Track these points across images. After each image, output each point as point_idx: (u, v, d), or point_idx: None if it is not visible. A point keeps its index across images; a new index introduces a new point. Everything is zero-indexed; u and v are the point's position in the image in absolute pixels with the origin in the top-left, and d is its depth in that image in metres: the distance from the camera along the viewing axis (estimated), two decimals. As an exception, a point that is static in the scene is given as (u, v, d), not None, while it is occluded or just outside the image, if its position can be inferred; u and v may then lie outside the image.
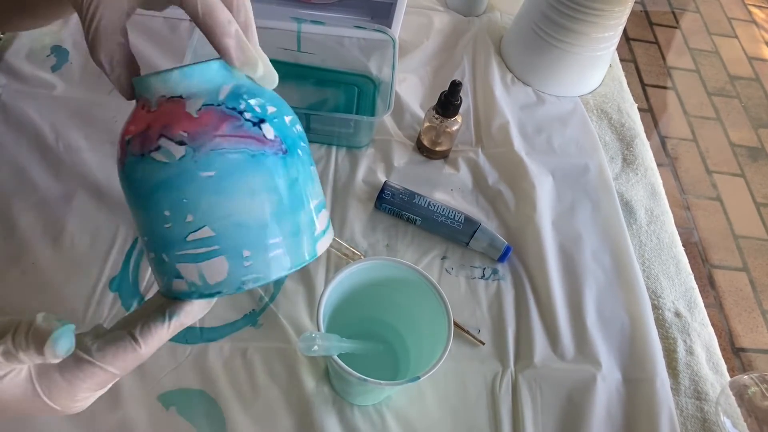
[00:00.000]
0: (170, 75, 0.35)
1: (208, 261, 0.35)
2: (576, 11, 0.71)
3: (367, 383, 0.42)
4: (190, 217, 0.34)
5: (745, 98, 2.12)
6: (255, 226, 0.36)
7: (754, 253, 1.69)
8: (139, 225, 0.36)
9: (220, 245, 0.35)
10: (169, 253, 0.35)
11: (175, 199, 0.34)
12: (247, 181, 0.35)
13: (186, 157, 0.34)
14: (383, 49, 0.71)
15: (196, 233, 0.34)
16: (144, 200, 0.35)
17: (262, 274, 0.36)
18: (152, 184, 0.34)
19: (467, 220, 0.61)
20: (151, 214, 0.35)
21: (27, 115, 0.63)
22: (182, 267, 0.35)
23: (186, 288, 0.35)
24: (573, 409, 0.53)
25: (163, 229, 0.35)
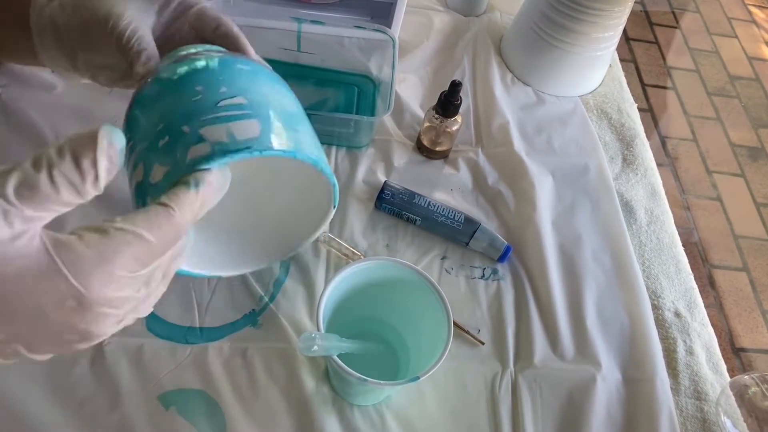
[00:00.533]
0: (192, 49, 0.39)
1: (240, 121, 0.34)
2: (576, 11, 0.71)
3: (367, 383, 0.42)
4: (224, 88, 0.35)
5: (745, 98, 2.12)
6: (282, 108, 0.37)
7: (754, 253, 1.69)
8: (151, 123, 0.35)
9: (252, 110, 0.35)
10: (192, 123, 0.34)
11: (210, 79, 0.36)
12: (273, 83, 0.39)
13: (225, 54, 0.38)
14: (383, 49, 0.71)
15: (229, 100, 0.35)
16: (175, 84, 0.36)
17: (292, 146, 0.35)
18: (187, 70, 0.36)
19: (467, 220, 0.61)
20: (178, 95, 0.35)
21: (27, 115, 0.63)
22: (207, 130, 0.34)
23: (208, 150, 0.33)
24: (573, 409, 0.53)
25: (189, 104, 0.35)
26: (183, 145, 0.33)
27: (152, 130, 0.35)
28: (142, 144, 0.36)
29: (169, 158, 0.33)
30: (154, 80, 0.37)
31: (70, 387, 0.48)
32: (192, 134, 0.33)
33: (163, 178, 0.33)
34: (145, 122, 0.36)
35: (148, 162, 0.35)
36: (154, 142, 0.35)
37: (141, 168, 0.35)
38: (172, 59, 0.40)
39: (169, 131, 0.34)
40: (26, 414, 0.47)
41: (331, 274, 0.58)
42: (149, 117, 0.36)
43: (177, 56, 0.39)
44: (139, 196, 0.35)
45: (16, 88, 0.65)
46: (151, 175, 0.34)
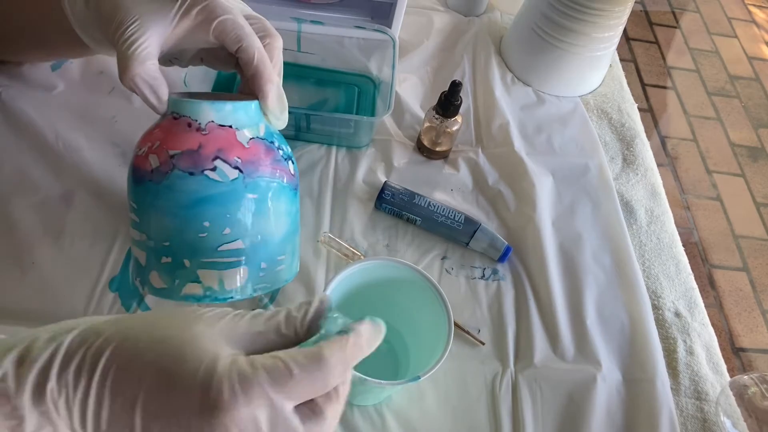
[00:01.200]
0: (224, 106, 0.40)
1: (231, 270, 0.40)
2: (576, 11, 0.71)
3: (367, 383, 0.42)
4: (228, 230, 0.39)
5: (745, 98, 2.12)
6: (274, 243, 0.42)
7: (754, 253, 1.69)
8: (161, 231, 0.39)
9: (246, 257, 0.41)
10: (194, 260, 0.39)
11: (219, 214, 0.39)
12: (277, 206, 0.42)
13: (237, 180, 0.39)
14: (383, 49, 0.71)
15: (230, 245, 0.40)
16: (184, 210, 0.39)
17: (270, 284, 0.42)
18: (199, 197, 0.39)
19: (467, 220, 0.61)
20: (187, 223, 0.39)
21: (27, 115, 0.63)
22: (204, 273, 0.40)
23: (200, 292, 0.40)
24: (573, 409, 0.53)
25: (196, 238, 0.39)
26: (181, 277, 0.40)
27: (158, 238, 0.40)
28: (148, 239, 0.40)
29: (167, 278, 0.40)
30: (169, 178, 0.39)
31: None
32: (191, 271, 0.40)
33: (160, 290, 0.41)
34: (151, 218, 0.40)
35: (149, 262, 0.41)
36: (158, 250, 0.40)
37: (143, 256, 0.41)
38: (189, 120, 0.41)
39: (172, 254, 0.40)
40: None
41: (331, 274, 0.58)
42: (156, 218, 0.40)
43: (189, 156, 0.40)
44: (139, 273, 0.42)
45: (16, 88, 0.65)
46: (150, 277, 0.41)
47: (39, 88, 0.66)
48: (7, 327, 0.49)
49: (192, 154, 0.39)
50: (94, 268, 0.54)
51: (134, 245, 0.42)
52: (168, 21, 0.41)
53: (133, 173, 0.41)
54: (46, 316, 0.51)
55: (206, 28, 0.41)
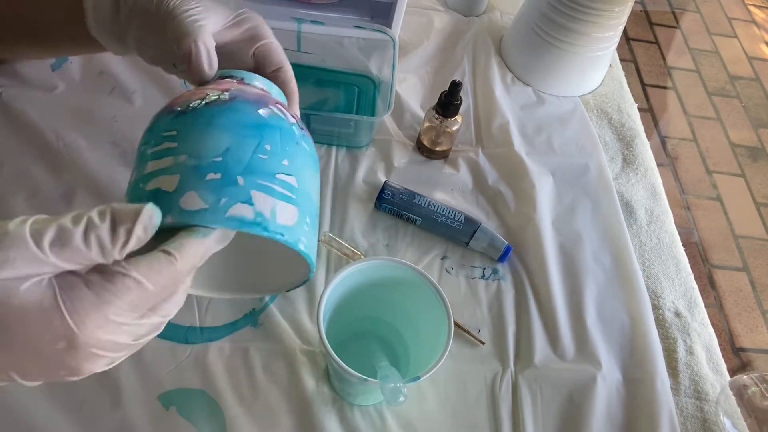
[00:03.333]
0: (273, 85, 0.43)
1: (285, 203, 0.36)
2: (576, 11, 0.71)
3: (368, 383, 0.42)
4: (286, 161, 0.37)
5: (745, 98, 2.12)
6: (315, 204, 0.40)
7: (754, 253, 1.69)
8: (213, 146, 0.35)
9: (297, 197, 0.37)
10: (250, 178, 0.35)
11: (280, 143, 0.37)
12: (316, 171, 0.41)
13: (295, 125, 0.39)
14: (383, 49, 0.71)
15: (286, 177, 0.37)
16: (248, 129, 0.36)
17: (308, 246, 0.38)
18: (264, 122, 0.37)
19: (467, 220, 0.61)
20: (248, 140, 0.36)
21: (27, 115, 0.63)
22: (258, 195, 0.35)
23: (251, 216, 0.34)
24: (573, 409, 0.53)
25: (255, 158, 0.36)
26: (230, 195, 0.34)
27: (207, 154, 0.35)
28: (189, 157, 0.35)
29: (211, 197, 0.34)
30: (232, 102, 0.37)
31: (70, 387, 0.48)
32: (244, 190, 0.34)
33: (196, 213, 0.33)
34: (202, 136, 0.36)
35: (185, 182, 0.34)
36: (203, 167, 0.35)
37: (174, 180, 0.35)
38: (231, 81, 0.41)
39: (223, 170, 0.35)
40: (26, 414, 0.47)
41: (331, 274, 0.58)
42: (210, 135, 0.36)
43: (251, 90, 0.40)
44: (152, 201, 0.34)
45: (16, 88, 0.65)
46: (182, 199, 0.34)
47: (39, 88, 0.66)
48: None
49: (254, 94, 0.39)
50: (94, 268, 0.54)
51: (155, 176, 0.36)
52: (222, 22, 0.43)
53: (175, 104, 0.39)
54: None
55: (249, 45, 0.44)
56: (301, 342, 0.53)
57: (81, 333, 0.26)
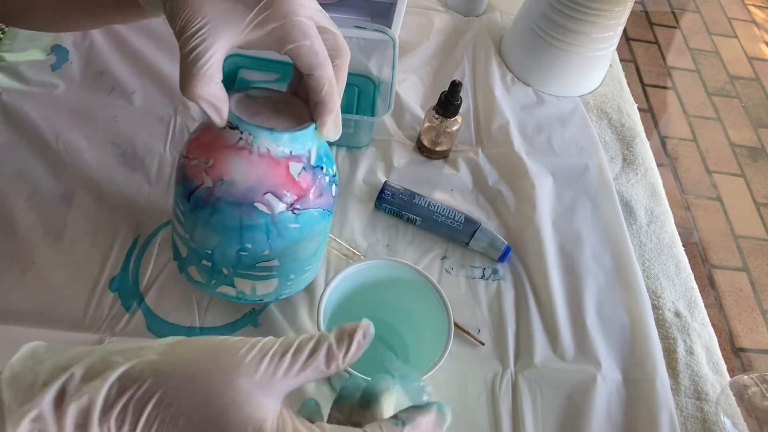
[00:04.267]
0: (282, 136, 0.41)
1: (264, 281, 0.45)
2: (576, 11, 0.71)
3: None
4: (267, 251, 0.43)
5: (745, 98, 2.12)
6: (305, 258, 0.46)
7: (754, 253, 1.69)
8: (205, 241, 0.43)
9: (279, 272, 0.45)
10: (233, 270, 0.44)
11: (261, 239, 0.42)
12: (314, 230, 0.45)
13: (284, 213, 0.42)
14: (383, 49, 0.71)
15: (266, 263, 0.44)
16: (230, 231, 0.42)
17: (294, 289, 0.49)
18: (246, 225, 0.42)
19: (467, 220, 0.61)
20: (232, 241, 0.42)
21: (27, 115, 0.63)
22: (239, 281, 0.45)
23: (233, 294, 0.46)
24: (573, 409, 0.53)
25: (237, 254, 0.43)
26: (218, 279, 0.45)
27: (202, 245, 0.44)
28: (191, 239, 0.44)
29: (205, 276, 0.46)
30: (220, 201, 0.41)
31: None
32: (228, 278, 0.45)
33: (195, 282, 0.47)
34: (198, 228, 0.43)
35: (190, 258, 0.46)
36: (199, 254, 0.45)
37: (185, 250, 0.46)
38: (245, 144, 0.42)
39: (212, 261, 0.44)
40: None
41: (331, 274, 0.58)
42: (203, 229, 0.43)
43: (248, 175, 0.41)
44: (177, 257, 0.48)
45: (16, 87, 0.65)
46: (189, 269, 0.47)
47: (39, 88, 0.66)
48: (13, 327, 0.49)
49: (244, 186, 0.41)
50: (94, 268, 0.54)
51: (177, 236, 0.46)
52: (239, 29, 0.37)
53: (183, 180, 0.43)
54: (46, 316, 0.51)
55: (278, 46, 0.39)
56: (301, 342, 0.53)
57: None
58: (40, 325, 0.50)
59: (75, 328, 0.50)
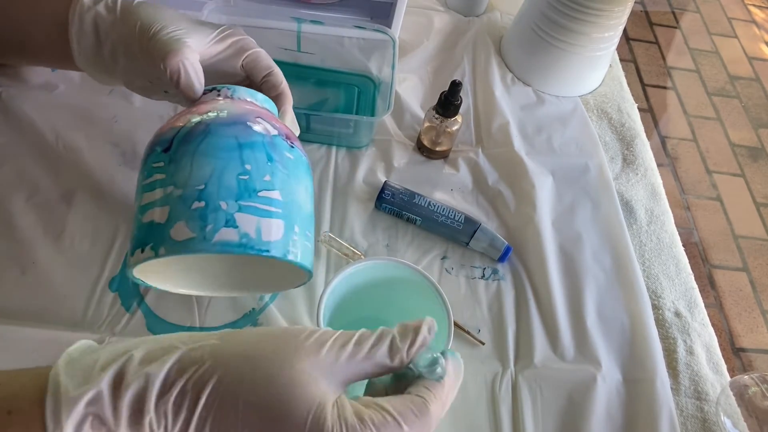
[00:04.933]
0: (257, 94, 0.44)
1: (269, 219, 0.38)
2: (576, 11, 0.71)
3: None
4: (268, 177, 0.38)
5: (745, 98, 2.12)
6: (305, 212, 0.41)
7: (754, 253, 1.69)
8: (196, 175, 0.37)
9: (282, 210, 0.39)
10: (231, 201, 0.37)
11: (260, 159, 0.38)
12: (306, 178, 0.42)
13: (277, 137, 0.40)
14: (383, 49, 0.71)
15: (269, 192, 0.38)
16: (226, 152, 0.38)
17: (299, 256, 0.40)
18: (242, 142, 0.38)
19: (467, 220, 0.61)
20: (228, 163, 0.37)
21: (27, 115, 0.63)
22: (241, 217, 0.37)
23: (236, 238, 0.36)
24: (573, 409, 0.53)
25: (236, 179, 0.37)
26: (215, 221, 0.36)
27: (191, 183, 0.37)
28: (176, 187, 0.37)
29: (198, 224, 0.36)
30: (210, 127, 0.38)
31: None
32: (227, 214, 0.36)
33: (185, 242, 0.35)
34: (185, 165, 0.37)
35: (174, 212, 0.36)
36: (188, 197, 0.37)
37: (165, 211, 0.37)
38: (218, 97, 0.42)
39: (206, 198, 0.36)
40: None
41: (331, 273, 0.58)
42: (191, 163, 0.37)
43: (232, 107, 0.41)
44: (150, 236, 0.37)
45: (16, 88, 0.65)
46: (173, 230, 0.36)
47: (39, 88, 0.66)
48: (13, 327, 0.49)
49: (235, 114, 0.40)
50: (94, 268, 0.54)
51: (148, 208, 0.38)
52: (206, 40, 0.45)
53: (160, 137, 0.40)
54: (46, 316, 0.51)
55: (237, 57, 0.47)
56: (301, 342, 0.53)
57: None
58: (40, 325, 0.50)
59: (75, 327, 0.50)
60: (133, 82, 0.48)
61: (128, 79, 0.48)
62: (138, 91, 0.49)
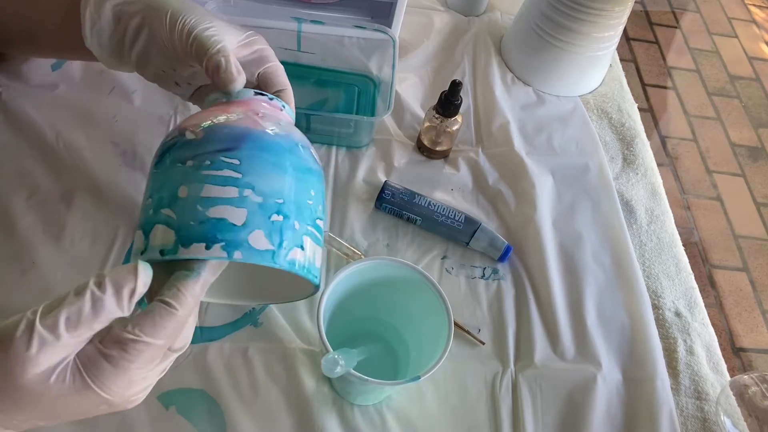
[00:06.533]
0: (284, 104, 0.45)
1: (319, 248, 0.39)
2: (576, 11, 0.71)
3: (368, 383, 0.42)
4: (320, 208, 0.40)
5: (745, 98, 2.12)
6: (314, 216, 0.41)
7: (754, 253, 1.69)
8: (275, 187, 0.36)
9: (321, 238, 0.40)
10: (303, 224, 0.37)
11: (319, 189, 0.40)
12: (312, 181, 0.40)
13: (320, 166, 0.41)
14: (383, 49, 0.71)
15: (320, 221, 0.40)
16: (300, 173, 0.38)
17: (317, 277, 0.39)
18: (309, 167, 0.39)
19: (467, 219, 0.61)
20: (301, 185, 0.38)
21: (27, 115, 0.63)
22: (306, 240, 0.37)
23: (302, 261, 0.36)
24: (573, 409, 0.53)
25: (306, 202, 0.38)
26: (290, 239, 0.36)
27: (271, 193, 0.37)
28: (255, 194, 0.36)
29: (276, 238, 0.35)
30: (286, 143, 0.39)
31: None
32: (299, 235, 0.37)
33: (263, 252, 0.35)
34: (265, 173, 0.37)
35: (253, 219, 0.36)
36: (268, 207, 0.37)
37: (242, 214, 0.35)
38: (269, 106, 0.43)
39: (285, 213, 0.37)
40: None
41: (331, 273, 0.58)
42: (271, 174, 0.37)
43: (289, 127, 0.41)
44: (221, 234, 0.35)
45: (16, 88, 0.65)
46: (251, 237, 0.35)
47: (39, 88, 0.66)
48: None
49: (298, 133, 0.41)
50: (94, 268, 0.54)
51: (218, 204, 0.35)
52: (235, 40, 0.45)
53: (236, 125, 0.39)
54: (46, 315, 0.51)
55: (256, 66, 0.46)
56: (301, 342, 0.53)
57: (114, 397, 0.30)
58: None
59: (75, 327, 0.50)
60: (147, 69, 0.48)
61: (142, 65, 0.47)
62: (149, 78, 0.48)
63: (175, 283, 0.32)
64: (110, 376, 0.30)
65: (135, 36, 0.45)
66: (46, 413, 0.30)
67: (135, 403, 0.33)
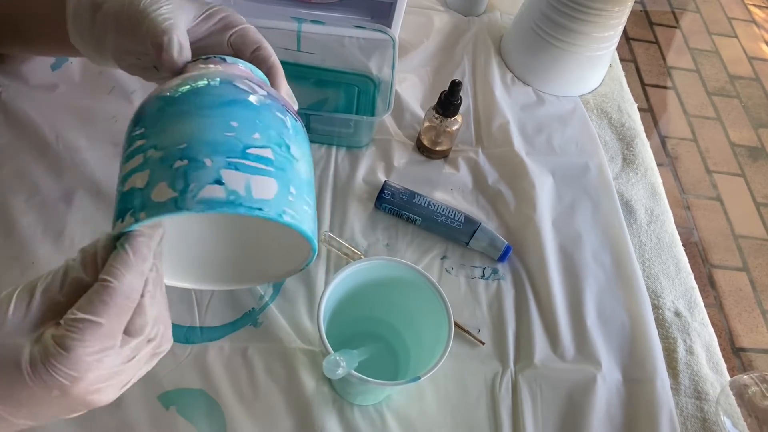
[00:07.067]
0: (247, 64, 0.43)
1: (260, 177, 0.35)
2: (576, 11, 0.71)
3: (368, 383, 0.42)
4: (257, 135, 0.36)
5: (745, 98, 2.12)
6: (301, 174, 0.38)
7: (754, 253, 1.69)
8: (178, 135, 0.35)
9: (274, 169, 0.36)
10: (217, 158, 0.34)
11: (248, 117, 0.36)
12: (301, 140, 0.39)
13: (266, 96, 0.38)
14: (383, 48, 0.71)
15: (259, 150, 0.35)
16: (210, 110, 0.36)
17: (297, 219, 0.36)
18: (228, 99, 0.36)
19: (467, 219, 0.61)
20: (212, 121, 0.35)
21: (27, 115, 0.63)
22: (228, 173, 0.34)
23: (223, 196, 0.33)
24: (573, 409, 0.53)
25: (221, 136, 0.35)
26: (199, 178, 0.33)
27: (172, 143, 0.35)
28: (156, 150, 0.35)
29: (180, 184, 0.33)
30: (193, 87, 0.37)
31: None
32: (212, 171, 0.33)
33: (167, 202, 0.33)
34: (167, 126, 0.36)
35: (155, 175, 0.34)
36: (170, 157, 0.34)
37: (145, 175, 0.34)
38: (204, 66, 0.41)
39: (190, 156, 0.34)
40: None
41: (331, 273, 0.58)
42: (173, 124, 0.36)
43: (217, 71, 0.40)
44: (129, 203, 0.35)
45: (16, 88, 0.65)
46: (153, 192, 0.34)
47: (39, 88, 0.66)
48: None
49: (222, 74, 0.39)
50: (94, 268, 0.54)
51: (129, 177, 0.36)
52: (192, 16, 0.44)
53: (143, 104, 0.40)
54: (46, 315, 0.51)
55: (224, 33, 0.46)
56: (301, 342, 0.53)
57: (72, 385, 0.29)
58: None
59: (75, 327, 0.50)
60: (124, 59, 0.47)
61: (118, 56, 0.47)
62: (128, 70, 0.48)
63: (109, 261, 0.32)
64: (60, 360, 0.29)
65: (105, 27, 0.45)
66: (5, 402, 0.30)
67: (102, 396, 0.31)
